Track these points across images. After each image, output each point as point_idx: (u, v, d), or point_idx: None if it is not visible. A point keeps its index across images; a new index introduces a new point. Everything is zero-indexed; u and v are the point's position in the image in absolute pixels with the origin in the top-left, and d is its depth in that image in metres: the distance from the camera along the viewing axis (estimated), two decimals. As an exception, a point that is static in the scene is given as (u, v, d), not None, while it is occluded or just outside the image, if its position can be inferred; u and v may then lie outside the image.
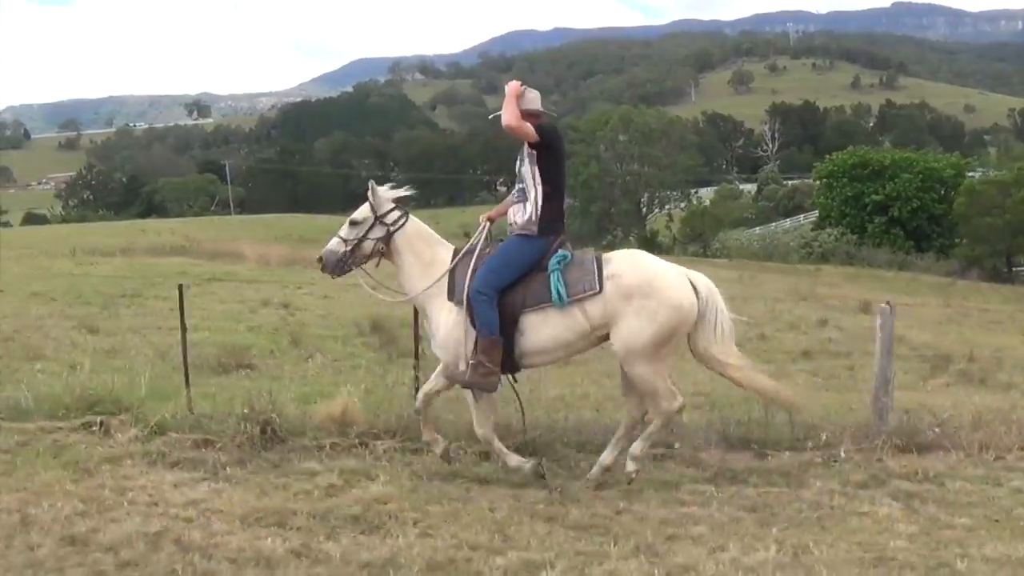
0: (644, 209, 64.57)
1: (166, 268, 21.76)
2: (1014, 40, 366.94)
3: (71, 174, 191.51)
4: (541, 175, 5.73)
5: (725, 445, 6.50)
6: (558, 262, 5.64)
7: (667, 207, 65.60)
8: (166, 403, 7.00)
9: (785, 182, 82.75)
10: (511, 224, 5.91)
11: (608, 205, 63.95)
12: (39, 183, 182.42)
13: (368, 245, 5.96)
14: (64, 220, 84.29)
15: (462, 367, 5.70)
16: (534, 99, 5.87)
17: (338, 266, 5.99)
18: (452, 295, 5.79)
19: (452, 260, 5.89)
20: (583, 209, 60.92)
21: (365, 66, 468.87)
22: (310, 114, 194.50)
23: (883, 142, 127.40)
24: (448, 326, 5.77)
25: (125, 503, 5.24)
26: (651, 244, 51.45)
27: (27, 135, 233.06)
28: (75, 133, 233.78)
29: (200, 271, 21.77)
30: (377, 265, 6.11)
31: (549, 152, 5.77)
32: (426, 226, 6.12)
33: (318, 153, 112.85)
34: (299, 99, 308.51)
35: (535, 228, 5.72)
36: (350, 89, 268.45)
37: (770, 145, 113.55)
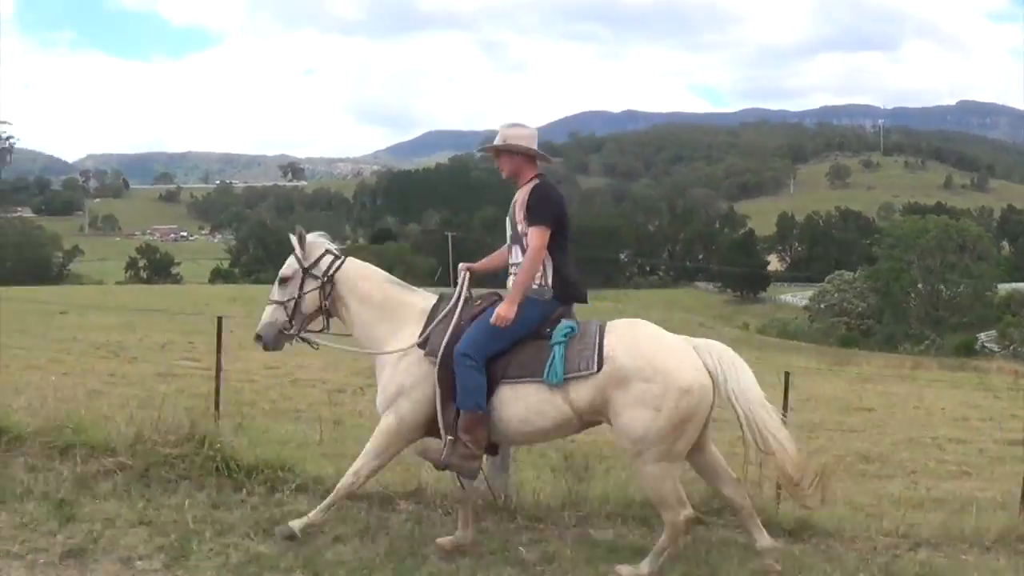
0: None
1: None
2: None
3: (174, 226, 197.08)
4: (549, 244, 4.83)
5: None
6: (564, 334, 4.63)
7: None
8: None
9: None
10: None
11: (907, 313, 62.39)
12: (144, 232, 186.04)
13: (310, 300, 4.95)
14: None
15: (415, 434, 4.81)
16: (531, 137, 4.92)
17: (279, 339, 4.96)
18: (425, 345, 4.77)
19: (417, 301, 4.97)
20: (892, 316, 59.37)
21: (436, 138, 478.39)
22: (412, 183, 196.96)
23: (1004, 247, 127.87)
24: (405, 377, 4.77)
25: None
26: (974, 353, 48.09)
27: (126, 185, 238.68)
28: (174, 186, 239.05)
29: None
30: (325, 327, 5.08)
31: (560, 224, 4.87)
32: (367, 264, 5.19)
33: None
34: (375, 166, 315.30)
35: (548, 294, 4.79)
36: (426, 159, 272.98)
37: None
